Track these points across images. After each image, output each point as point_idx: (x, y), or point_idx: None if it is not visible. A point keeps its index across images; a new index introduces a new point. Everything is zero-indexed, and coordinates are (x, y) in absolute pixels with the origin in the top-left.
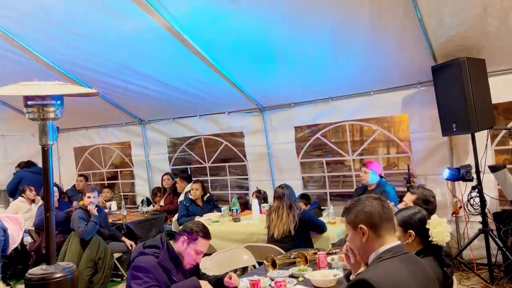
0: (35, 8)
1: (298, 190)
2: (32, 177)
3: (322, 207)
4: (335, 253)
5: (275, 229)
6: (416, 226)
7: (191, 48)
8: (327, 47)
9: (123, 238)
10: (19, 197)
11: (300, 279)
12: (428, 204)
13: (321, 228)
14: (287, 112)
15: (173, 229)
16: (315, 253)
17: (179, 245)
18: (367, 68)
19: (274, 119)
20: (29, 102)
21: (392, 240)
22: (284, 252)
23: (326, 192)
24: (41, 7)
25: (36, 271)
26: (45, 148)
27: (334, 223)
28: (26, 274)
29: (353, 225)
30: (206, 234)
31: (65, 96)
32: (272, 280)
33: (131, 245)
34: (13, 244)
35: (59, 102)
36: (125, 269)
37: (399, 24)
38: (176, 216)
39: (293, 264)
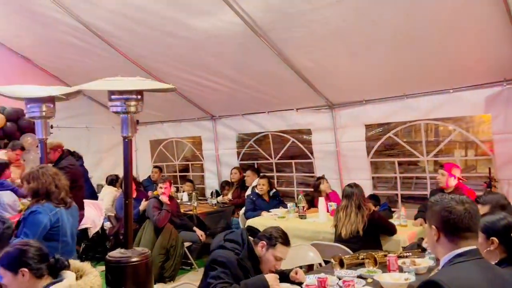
0: (119, 6)
1: (367, 191)
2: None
3: (393, 209)
4: (407, 256)
5: (342, 228)
6: (500, 233)
7: (263, 45)
8: (401, 40)
9: (195, 228)
10: (107, 185)
11: (369, 280)
12: (505, 209)
13: (391, 231)
14: (358, 109)
15: (240, 223)
16: (385, 255)
17: (258, 249)
18: (446, 64)
19: (343, 116)
20: (112, 96)
21: (467, 244)
22: (351, 252)
23: (397, 194)
24: (124, 4)
25: (115, 254)
26: (126, 140)
27: (406, 225)
28: (106, 256)
29: (428, 223)
30: (285, 240)
31: (144, 91)
32: (340, 279)
33: (201, 235)
34: (94, 228)
35: (139, 96)
36: (194, 259)
37: (484, 14)
38: (243, 209)
39: (361, 265)
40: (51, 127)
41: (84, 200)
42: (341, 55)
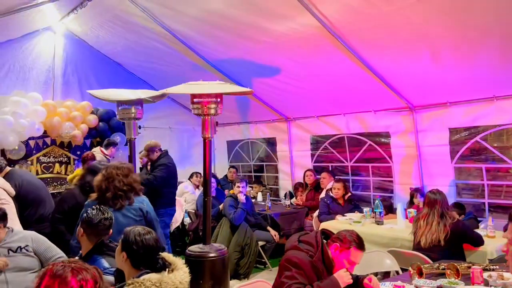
0: (202, 13)
1: (451, 198)
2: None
3: (479, 218)
4: (493, 269)
5: (422, 237)
6: None
7: (340, 47)
8: (490, 38)
9: (268, 228)
10: (187, 181)
11: None
12: None
13: (476, 241)
14: (441, 112)
15: (313, 225)
16: (469, 267)
17: (331, 252)
18: None
19: (425, 119)
20: (195, 99)
21: None
22: (431, 262)
23: (484, 203)
24: (206, 11)
25: (194, 248)
26: (206, 140)
27: (494, 237)
28: (187, 250)
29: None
30: (359, 244)
31: (224, 94)
32: None
33: (275, 235)
34: (176, 223)
35: (219, 99)
36: (268, 258)
37: None
38: (317, 212)
39: (441, 275)
40: (139, 127)
41: None
42: (424, 56)
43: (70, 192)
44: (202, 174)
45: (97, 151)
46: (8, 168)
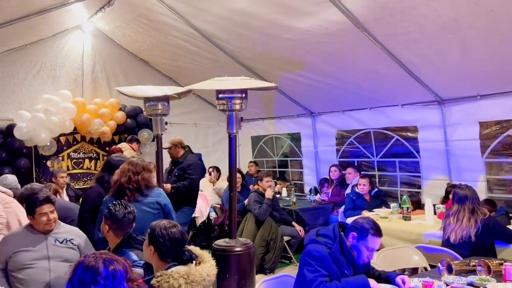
0: (226, 12)
1: (481, 194)
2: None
3: (511, 214)
4: None
5: (452, 233)
6: None
7: (366, 41)
8: None
9: (293, 223)
10: (206, 176)
11: None
12: None
13: (509, 238)
14: (471, 104)
15: (339, 221)
16: (501, 264)
17: (349, 241)
18: None
19: (454, 113)
20: (220, 95)
21: None
22: (461, 258)
23: None
24: (231, 10)
25: (220, 242)
26: (231, 136)
27: None
28: (213, 244)
29: None
30: (376, 231)
31: (249, 89)
32: (447, 285)
33: (300, 230)
34: (201, 217)
35: (243, 95)
36: (293, 253)
37: None
38: (342, 208)
39: (471, 272)
40: (166, 123)
41: None
42: (453, 48)
43: (91, 189)
44: (217, 169)
45: (126, 147)
46: None
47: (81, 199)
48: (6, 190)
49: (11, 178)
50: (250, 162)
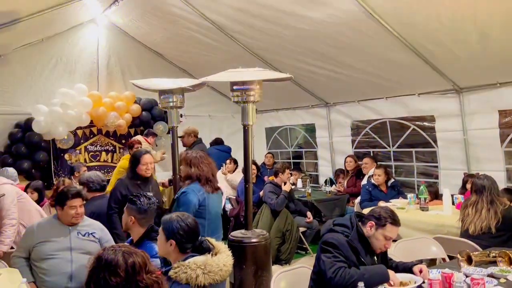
0: (239, 3)
1: (501, 184)
2: (218, 153)
3: None
4: None
5: (470, 224)
6: None
7: (382, 30)
8: None
9: (309, 214)
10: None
11: (502, 280)
12: None
13: None
14: (490, 92)
15: (355, 212)
16: None
17: (367, 230)
18: None
19: (473, 101)
20: (234, 87)
21: None
22: (480, 249)
23: None
24: (244, 1)
25: (236, 234)
26: (246, 128)
27: None
28: (229, 235)
29: None
30: (394, 220)
31: (263, 81)
32: (467, 276)
33: (309, 217)
34: None
35: (258, 86)
36: (309, 244)
37: None
38: (358, 199)
39: (492, 263)
40: (181, 116)
41: None
42: (471, 35)
43: (120, 181)
44: (234, 161)
45: (141, 140)
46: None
47: (111, 190)
48: (12, 182)
49: (11, 171)
50: (268, 153)
